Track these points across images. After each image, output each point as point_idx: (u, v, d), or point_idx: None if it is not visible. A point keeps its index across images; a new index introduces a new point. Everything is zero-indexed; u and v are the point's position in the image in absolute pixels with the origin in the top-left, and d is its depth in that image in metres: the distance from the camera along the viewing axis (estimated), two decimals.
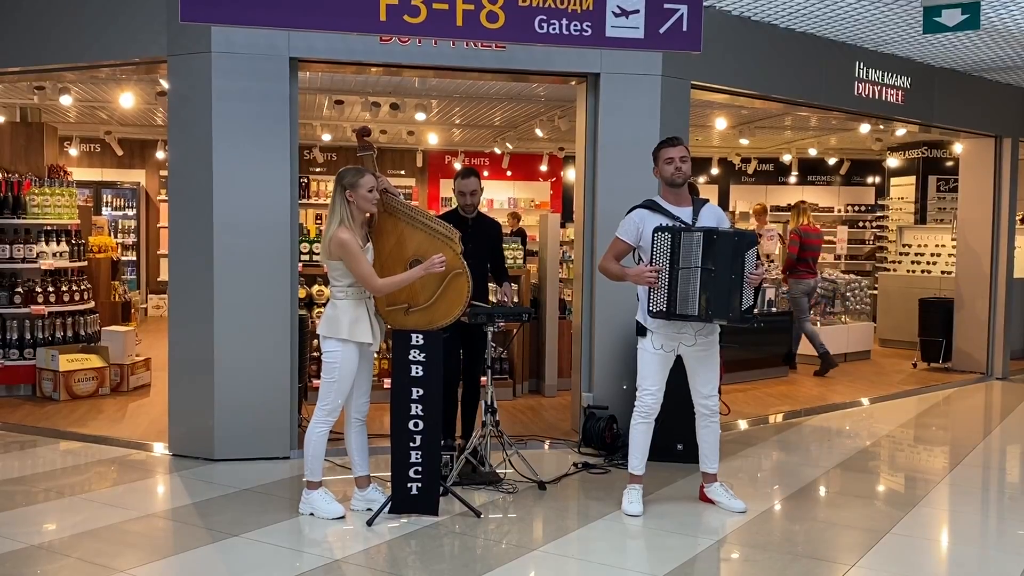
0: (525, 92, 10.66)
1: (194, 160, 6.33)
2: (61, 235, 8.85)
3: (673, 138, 5.36)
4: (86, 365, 8.46)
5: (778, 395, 9.17)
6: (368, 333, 5.03)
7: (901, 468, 6.85)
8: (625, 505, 5.31)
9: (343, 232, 4.88)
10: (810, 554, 4.77)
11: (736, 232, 5.11)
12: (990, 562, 4.77)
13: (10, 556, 4.49)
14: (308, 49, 6.31)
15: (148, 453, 6.59)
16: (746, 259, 5.02)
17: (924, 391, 9.64)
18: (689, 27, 5.12)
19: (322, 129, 14.27)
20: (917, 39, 8.22)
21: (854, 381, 10.06)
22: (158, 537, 4.89)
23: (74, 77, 9.58)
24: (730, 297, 4.99)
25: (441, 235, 5.12)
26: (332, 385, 5.04)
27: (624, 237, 5.32)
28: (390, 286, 5.00)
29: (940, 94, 9.53)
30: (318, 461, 5.15)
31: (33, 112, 11.52)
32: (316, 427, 5.09)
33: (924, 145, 15.07)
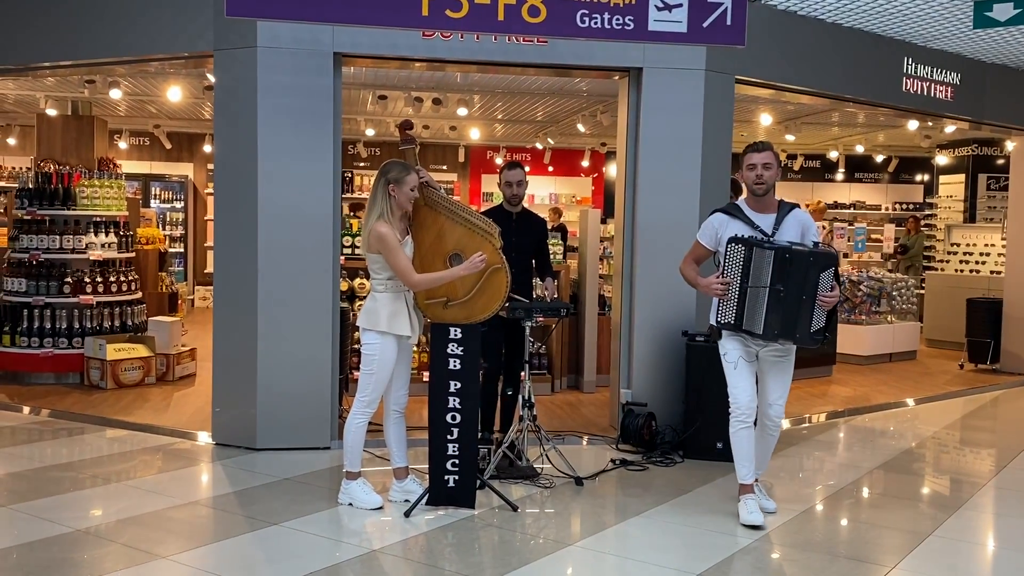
0: (567, 87, 10.64)
1: (240, 154, 6.41)
2: (110, 226, 9.02)
3: (760, 143, 5.10)
4: (133, 354, 8.61)
5: (820, 394, 9.08)
6: (407, 326, 5.06)
7: (945, 470, 6.75)
8: (744, 516, 5.01)
9: (382, 225, 4.91)
10: (850, 555, 4.71)
11: (812, 252, 4.88)
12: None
13: (57, 540, 4.59)
14: (352, 44, 6.36)
15: (192, 442, 6.70)
16: (820, 280, 4.84)
17: (971, 393, 9.49)
18: (733, 21, 5.07)
19: (366, 124, 14.36)
20: (967, 34, 8.08)
21: (899, 381, 9.93)
22: (200, 524, 4.97)
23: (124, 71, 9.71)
24: (799, 319, 4.85)
25: (481, 230, 5.12)
26: (371, 377, 5.08)
27: (703, 241, 5.18)
28: (427, 282, 5.02)
29: (991, 90, 9.37)
30: (357, 452, 5.20)
31: (84, 105, 11.72)
32: (355, 418, 5.14)
33: (974, 142, 14.82)
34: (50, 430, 6.97)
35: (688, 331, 6.74)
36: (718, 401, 6.04)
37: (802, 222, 5.09)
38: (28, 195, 8.87)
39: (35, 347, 8.59)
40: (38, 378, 8.62)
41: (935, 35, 8.20)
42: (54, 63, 7.41)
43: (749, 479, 5.13)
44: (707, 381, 6.42)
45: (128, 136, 15.43)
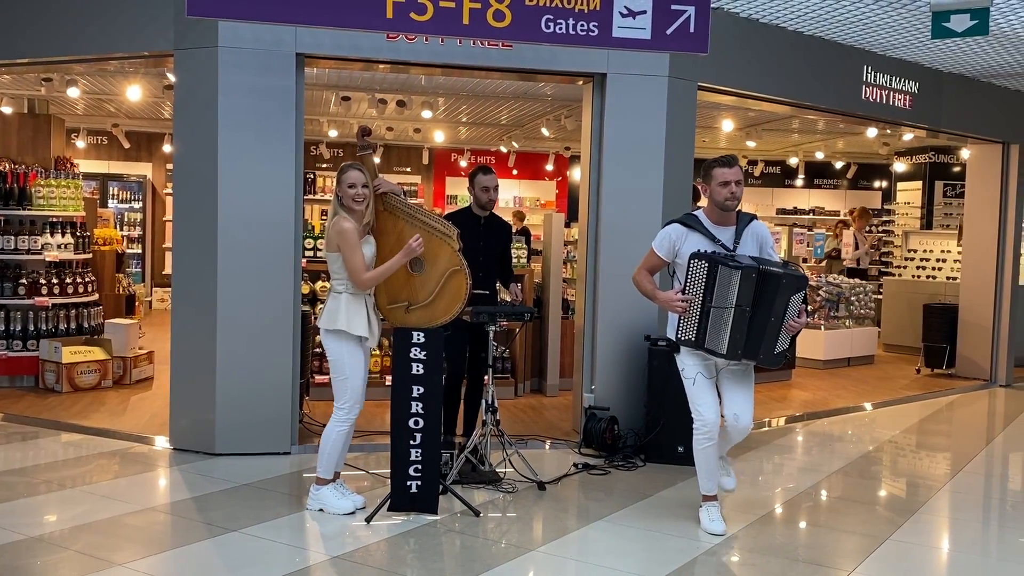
0: (532, 91, 10.65)
1: (199, 154, 6.33)
2: (66, 227, 8.86)
3: (730, 158, 4.95)
4: (89, 357, 8.47)
5: (779, 398, 9.15)
6: (364, 327, 5.02)
7: (902, 474, 6.83)
8: (706, 523, 5.01)
9: (344, 221, 4.90)
10: (809, 559, 4.75)
11: (785, 274, 4.71)
12: (990, 571, 4.75)
13: (9, 547, 4.49)
14: (315, 45, 6.31)
15: (149, 447, 6.59)
16: (790, 304, 4.71)
17: (927, 397, 9.61)
18: (696, 28, 5.09)
19: (329, 125, 14.26)
20: (926, 44, 8.19)
21: (857, 385, 10.04)
22: (157, 531, 4.89)
23: (82, 69, 9.55)
24: (763, 340, 4.73)
25: (440, 232, 5.10)
26: (344, 383, 5.05)
27: (659, 251, 5.02)
28: (375, 278, 4.98)
29: (948, 99, 9.50)
30: (333, 459, 5.15)
31: (40, 104, 11.52)
32: (337, 425, 5.08)
33: (931, 150, 15.04)
34: (3, 434, 6.82)
35: (650, 335, 6.76)
36: (679, 405, 6.06)
37: (759, 235, 5.00)
38: None
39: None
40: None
41: (894, 44, 8.30)
42: (10, 60, 7.26)
43: (712, 491, 5.11)
44: (669, 385, 6.43)
45: (86, 135, 15.19)
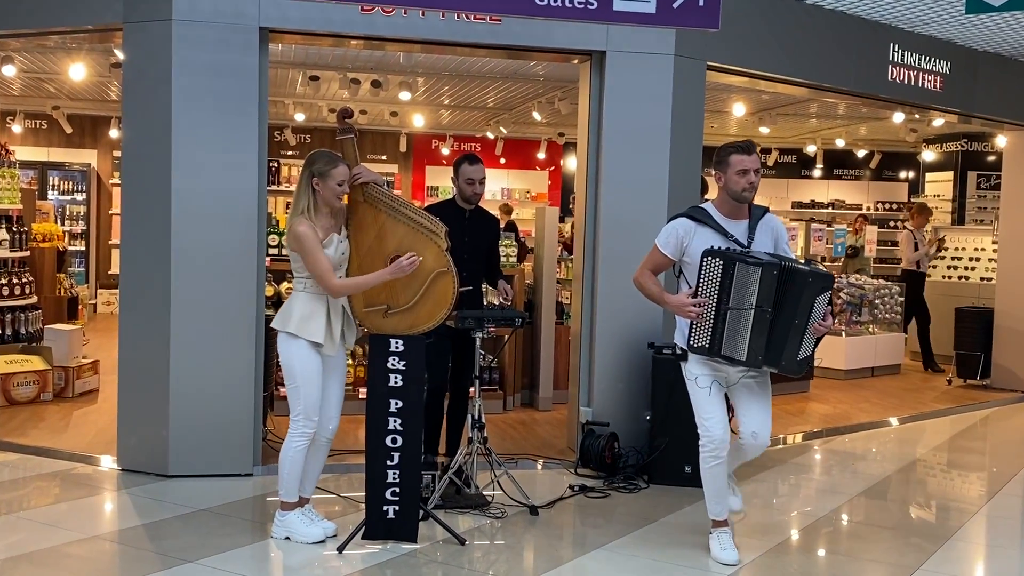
0: (522, 71, 10.64)
1: (151, 140, 6.28)
2: (2, 221, 8.79)
3: (748, 144, 4.84)
4: (26, 367, 8.40)
5: (796, 412, 9.16)
6: (320, 332, 4.89)
7: (933, 497, 6.82)
8: (717, 552, 4.94)
9: (301, 223, 4.82)
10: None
11: (811, 272, 4.70)
12: None
13: None
14: (280, 18, 6.28)
15: (94, 467, 6.53)
16: (816, 304, 4.66)
17: (959, 411, 9.63)
18: (706, 2, 5.08)
19: (295, 108, 14.23)
20: (959, 19, 8.21)
21: (882, 398, 10.05)
22: (102, 562, 4.84)
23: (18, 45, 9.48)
24: (786, 344, 4.67)
25: (426, 229, 5.03)
26: (296, 391, 4.95)
27: (663, 248, 4.90)
28: (349, 287, 4.94)
29: (983, 81, 9.53)
30: (294, 479, 5.06)
31: None
32: (292, 441, 4.98)
33: (964, 137, 15.08)
34: None
35: (655, 343, 6.74)
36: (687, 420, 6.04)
37: (775, 229, 4.96)
38: None
39: None
40: None
41: (924, 19, 8.31)
42: None
43: (723, 516, 5.06)
44: (675, 398, 6.40)
45: (23, 119, 15.12)
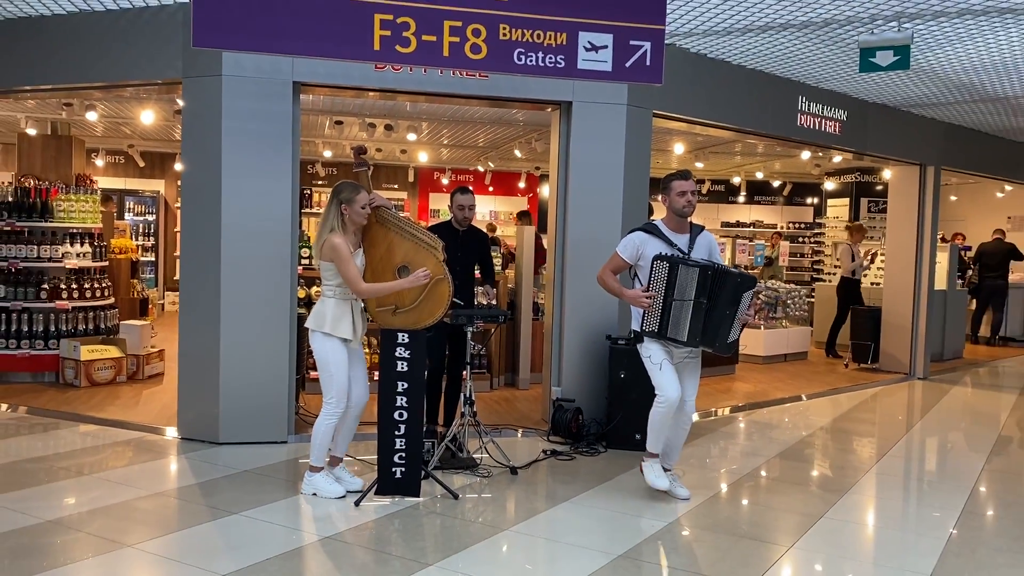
0: (505, 117, 10.61)
1: (205, 172, 6.21)
2: (85, 237, 8.70)
3: (686, 172, 5.19)
4: (105, 355, 8.31)
5: (725, 390, 9.15)
6: (349, 330, 4.92)
7: (834, 458, 6.81)
8: (652, 479, 5.13)
9: (336, 237, 4.80)
10: (752, 536, 4.71)
11: (740, 274, 4.93)
12: (909, 544, 4.73)
13: (27, 531, 4.36)
14: (310, 74, 6.22)
15: (159, 436, 6.45)
16: (743, 299, 4.91)
17: (854, 389, 9.64)
18: (652, 62, 5.05)
19: (323, 146, 14.15)
20: (853, 77, 8.23)
21: (793, 379, 10.06)
22: (164, 514, 4.77)
23: (99, 95, 9.41)
24: (719, 330, 4.88)
25: (426, 244, 5.02)
26: (330, 379, 4.94)
27: (623, 255, 5.13)
28: (375, 291, 4.90)
29: (873, 126, 9.56)
30: (323, 449, 5.04)
31: (62, 126, 11.25)
32: (325, 419, 4.97)
33: (857, 171, 15.14)
34: (26, 425, 6.66)
35: (611, 335, 6.71)
36: (637, 397, 6.06)
37: (709, 242, 5.18)
38: (8, 208, 8.52)
39: (13, 348, 8.22)
40: (16, 377, 8.25)
41: (826, 77, 8.33)
42: (34, 87, 7.12)
43: (658, 451, 5.19)
44: (627, 379, 6.41)
45: (104, 154, 14.98)
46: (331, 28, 4.57)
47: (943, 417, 8.36)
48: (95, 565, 4.00)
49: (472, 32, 4.76)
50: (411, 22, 4.67)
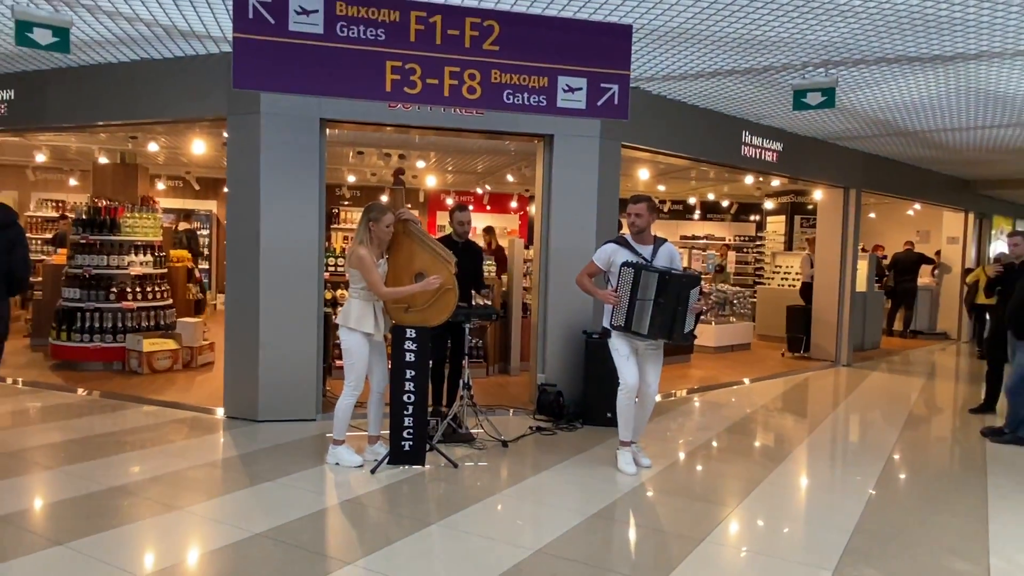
0: (499, 147, 10.55)
1: (246, 194, 6.15)
2: (147, 249, 8.62)
3: (637, 196, 5.12)
4: (164, 347, 8.22)
5: (682, 375, 9.10)
6: (371, 326, 4.87)
7: (773, 431, 6.78)
8: (622, 465, 5.10)
9: (362, 249, 4.78)
10: (704, 498, 4.67)
11: (685, 275, 4.88)
12: (836, 504, 4.69)
13: (94, 496, 4.30)
14: (334, 112, 6.16)
15: (208, 415, 6.38)
16: (691, 295, 4.86)
17: (789, 374, 9.61)
18: (619, 101, 5.01)
19: (348, 172, 14.08)
20: (788, 114, 8.20)
21: (738, 365, 10.01)
22: (209, 482, 4.70)
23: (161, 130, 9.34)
24: (674, 323, 4.84)
25: (443, 258, 5.00)
26: (352, 367, 4.89)
27: (597, 262, 5.12)
28: (392, 295, 4.86)
29: (804, 155, 9.53)
30: (344, 425, 5.00)
31: (129, 156, 11.22)
32: (345, 399, 4.94)
33: (792, 193, 15.11)
34: (98, 407, 6.59)
35: (587, 330, 6.66)
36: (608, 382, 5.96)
37: (670, 252, 5.12)
38: (82, 224, 8.44)
39: (86, 342, 8.14)
40: (89, 366, 8.16)
41: (765, 114, 8.29)
42: (105, 122, 7.05)
43: (628, 438, 5.15)
44: (600, 368, 6.35)
45: (166, 179, 14.90)
46: (350, 73, 4.52)
47: (863, 397, 8.33)
48: (151, 525, 3.93)
49: (468, 76, 4.71)
50: (417, 68, 4.62)
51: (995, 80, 6.49)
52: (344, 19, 4.50)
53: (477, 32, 4.70)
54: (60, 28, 4.90)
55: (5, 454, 5.07)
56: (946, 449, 6.22)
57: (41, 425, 5.90)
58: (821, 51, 5.80)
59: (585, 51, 4.90)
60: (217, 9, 5.27)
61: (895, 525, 4.30)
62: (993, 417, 7.26)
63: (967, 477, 5.32)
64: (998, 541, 4.11)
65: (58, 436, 5.56)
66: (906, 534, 4.16)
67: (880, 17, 5.00)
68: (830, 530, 4.18)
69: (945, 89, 6.87)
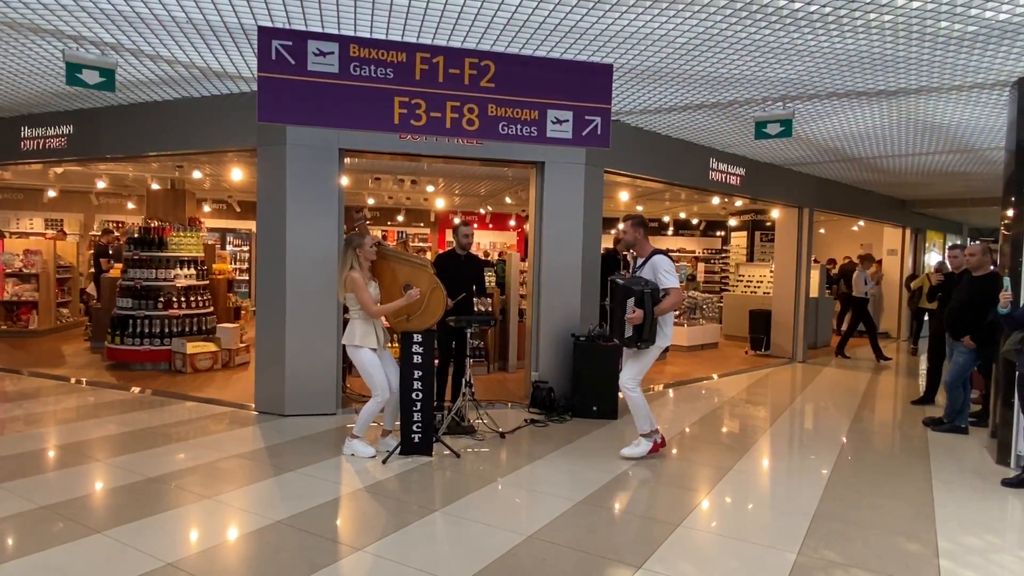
0: (498, 174, 10.38)
1: (275, 215, 5.97)
2: (190, 263, 8.43)
3: (625, 216, 4.99)
4: (205, 349, 8.03)
5: (658, 371, 8.89)
6: (374, 341, 4.71)
7: (739, 422, 6.58)
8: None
9: (355, 273, 4.62)
10: (679, 484, 4.47)
11: (622, 286, 4.69)
12: (793, 486, 4.49)
13: (131, 487, 4.10)
14: (352, 143, 5.99)
15: (242, 410, 6.18)
16: (627, 305, 4.66)
17: (752, 370, 9.40)
18: (602, 132, 4.83)
19: (367, 196, 13.90)
20: (750, 143, 8.02)
21: (708, 362, 9.81)
22: (239, 471, 4.51)
23: (206, 159, 9.17)
24: (621, 327, 4.69)
25: (419, 264, 4.85)
26: (371, 378, 4.70)
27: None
28: (383, 311, 4.68)
29: (764, 179, 9.35)
30: (366, 423, 4.81)
31: (178, 182, 11.08)
32: (372, 404, 4.74)
33: (753, 211, 14.94)
34: (147, 403, 6.39)
35: (575, 333, 6.47)
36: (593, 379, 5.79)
37: (654, 264, 4.84)
38: (134, 242, 8.27)
39: (137, 345, 7.95)
40: (139, 366, 7.96)
41: (730, 143, 8.12)
42: (157, 152, 6.88)
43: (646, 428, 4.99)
44: (586, 366, 6.17)
45: (211, 202, 14.73)
46: (362, 107, 4.34)
47: (818, 391, 8.12)
48: (182, 514, 3.74)
49: (467, 110, 4.53)
50: (422, 103, 4.44)
51: (932, 112, 6.32)
52: (357, 59, 4.33)
53: (475, 71, 4.53)
54: (106, 69, 4.73)
55: (62, 446, 4.88)
56: (893, 437, 6.01)
57: (97, 419, 5.71)
58: (780, 87, 5.62)
59: (571, 87, 4.72)
60: (245, 52, 5.10)
61: (851, 509, 4.10)
62: (933, 408, 7.06)
63: (912, 463, 5.12)
64: (944, 524, 3.91)
65: (113, 429, 5.37)
66: (861, 517, 3.96)
67: (832, 56, 4.83)
68: (793, 514, 3.98)
69: (888, 120, 6.70)
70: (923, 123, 6.76)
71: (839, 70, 5.13)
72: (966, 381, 6.11)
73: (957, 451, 5.50)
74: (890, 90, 5.61)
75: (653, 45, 4.72)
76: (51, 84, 6.08)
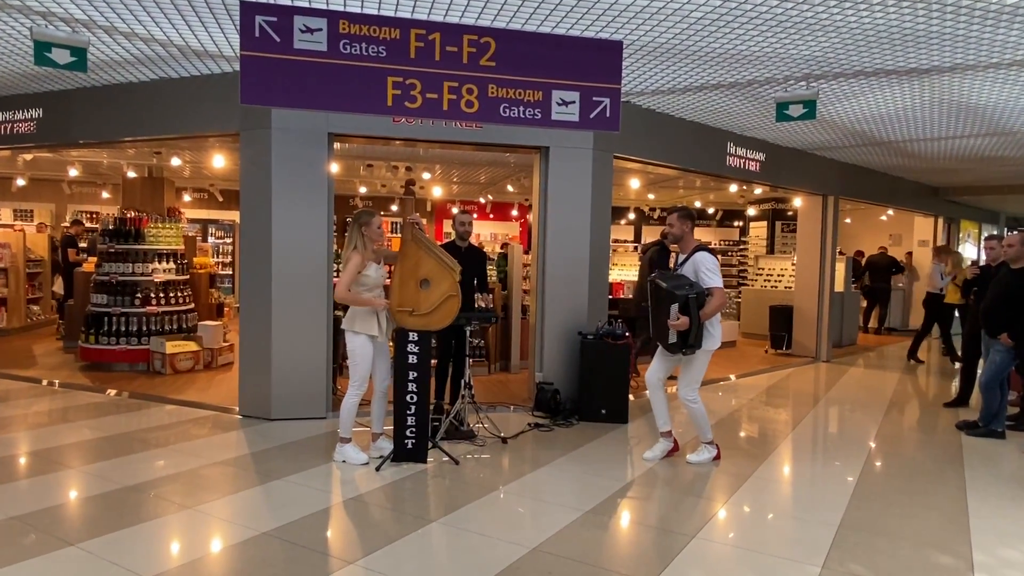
0: (499, 159, 10.36)
1: (260, 205, 5.96)
2: (170, 257, 8.44)
3: (671, 208, 4.94)
4: (186, 349, 8.04)
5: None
6: (374, 328, 4.70)
7: (759, 425, 6.56)
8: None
9: (356, 254, 4.62)
10: (694, 493, 4.46)
11: (667, 290, 4.62)
12: (817, 495, 4.48)
13: (107, 496, 4.10)
14: (342, 127, 5.98)
15: (225, 414, 6.19)
16: (671, 311, 4.61)
17: (773, 370, 9.39)
18: (611, 114, 4.81)
19: (359, 184, 13.88)
20: (771, 126, 7.99)
21: (725, 362, 9.79)
22: (221, 480, 4.51)
23: (186, 145, 9.16)
24: (665, 333, 4.67)
25: (447, 266, 4.80)
26: (356, 367, 4.71)
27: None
28: (347, 299, 4.65)
29: (785, 165, 9.32)
30: (349, 423, 4.81)
31: (156, 170, 11.06)
32: (349, 398, 4.75)
33: (773, 200, 14.90)
34: (124, 405, 6.40)
35: (582, 331, 6.46)
36: (601, 381, 5.78)
37: (696, 261, 4.79)
38: (109, 234, 8.28)
39: (113, 344, 7.96)
40: (115, 367, 7.98)
41: (750, 127, 8.09)
42: (133, 138, 6.87)
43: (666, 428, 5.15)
44: (594, 366, 6.16)
45: (191, 192, 14.71)
46: (352, 88, 4.33)
47: (843, 391, 8.11)
48: (161, 525, 3.74)
49: (466, 91, 4.51)
50: (417, 83, 4.43)
51: (967, 92, 6.28)
52: (347, 37, 4.31)
53: (474, 48, 4.51)
54: (78, 48, 4.71)
55: (33, 452, 4.88)
56: (924, 442, 6.00)
57: (70, 424, 5.71)
58: (803, 65, 5.59)
59: (578, 66, 4.70)
60: (227, 29, 5.08)
61: (879, 519, 4.09)
62: (967, 411, 7.04)
63: (945, 470, 5.10)
64: (979, 535, 3.90)
65: (88, 434, 5.38)
66: (890, 528, 3.95)
67: (860, 31, 4.79)
68: (817, 525, 3.97)
69: (919, 101, 6.66)
70: (958, 104, 6.72)
71: (867, 47, 5.09)
72: (1003, 382, 6.09)
73: (993, 457, 5.48)
74: (922, 68, 5.58)
75: (667, 20, 4.69)
76: (18, 64, 6.08)
